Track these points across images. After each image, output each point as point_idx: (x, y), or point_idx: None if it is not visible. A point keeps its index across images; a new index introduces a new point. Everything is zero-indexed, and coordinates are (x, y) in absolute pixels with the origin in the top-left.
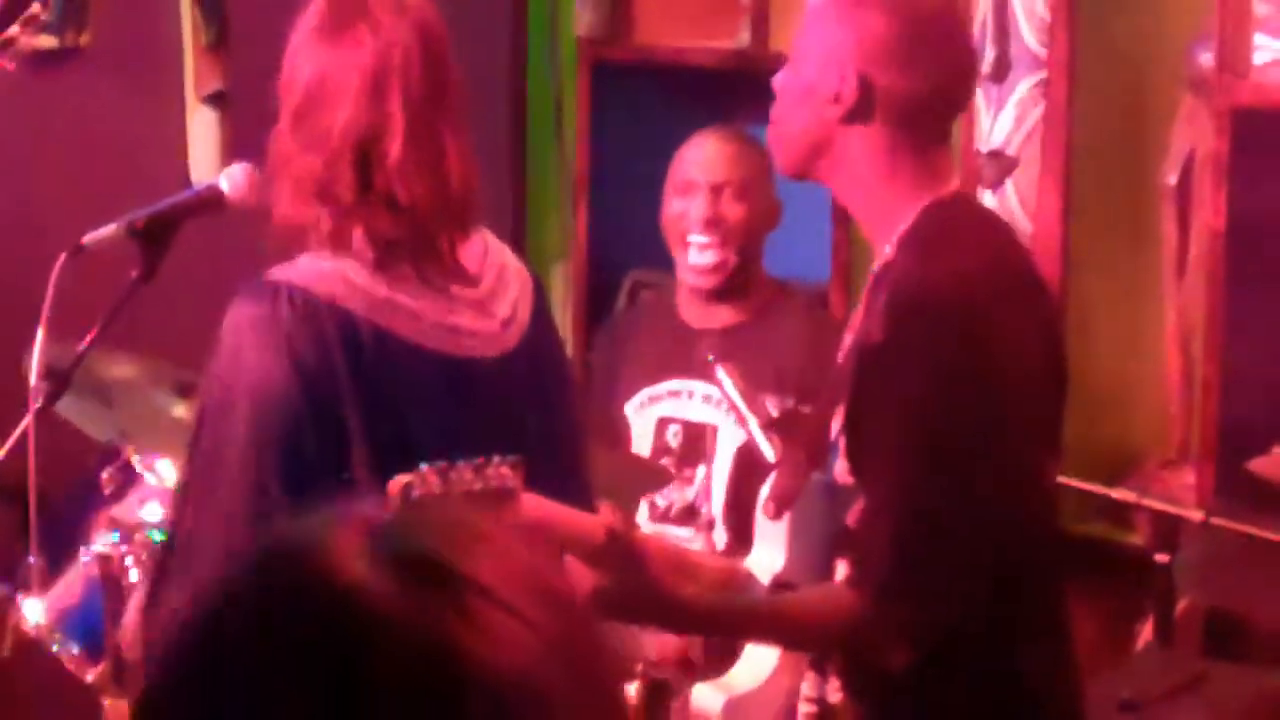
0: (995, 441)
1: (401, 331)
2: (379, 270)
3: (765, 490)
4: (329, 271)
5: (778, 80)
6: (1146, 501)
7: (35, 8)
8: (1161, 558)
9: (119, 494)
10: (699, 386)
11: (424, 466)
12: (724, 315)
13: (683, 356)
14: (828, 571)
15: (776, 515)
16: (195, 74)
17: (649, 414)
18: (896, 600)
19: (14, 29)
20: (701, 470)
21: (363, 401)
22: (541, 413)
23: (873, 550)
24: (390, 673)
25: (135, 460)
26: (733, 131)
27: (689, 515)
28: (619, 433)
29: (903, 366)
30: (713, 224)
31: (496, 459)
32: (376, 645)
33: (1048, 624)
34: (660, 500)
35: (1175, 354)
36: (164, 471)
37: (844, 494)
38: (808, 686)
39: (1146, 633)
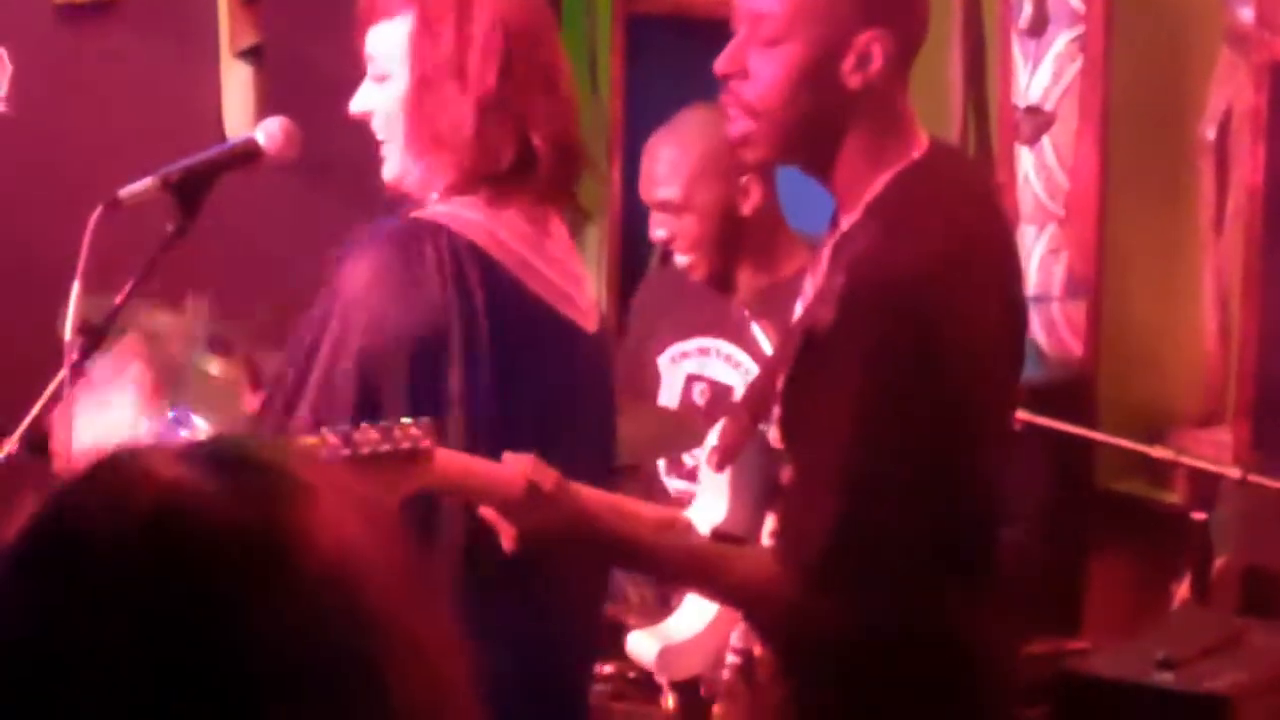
0: (938, 434)
1: (533, 285)
2: (507, 223)
3: (709, 441)
4: (474, 220)
5: (753, 66)
6: (1183, 459)
7: None
8: (1198, 515)
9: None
10: (723, 346)
11: (324, 429)
12: (748, 283)
13: (712, 314)
14: (760, 524)
15: (719, 467)
16: (230, 29)
17: (677, 370)
18: (824, 588)
19: None
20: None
21: (494, 345)
22: (606, 400)
23: (802, 536)
24: (214, 559)
25: (169, 414)
26: (671, 133)
27: None
28: (649, 385)
29: (849, 357)
30: (671, 240)
31: (405, 420)
32: (198, 535)
33: (981, 596)
34: (688, 459)
35: (1213, 311)
36: (198, 425)
37: (777, 454)
38: (736, 637)
39: (1183, 590)
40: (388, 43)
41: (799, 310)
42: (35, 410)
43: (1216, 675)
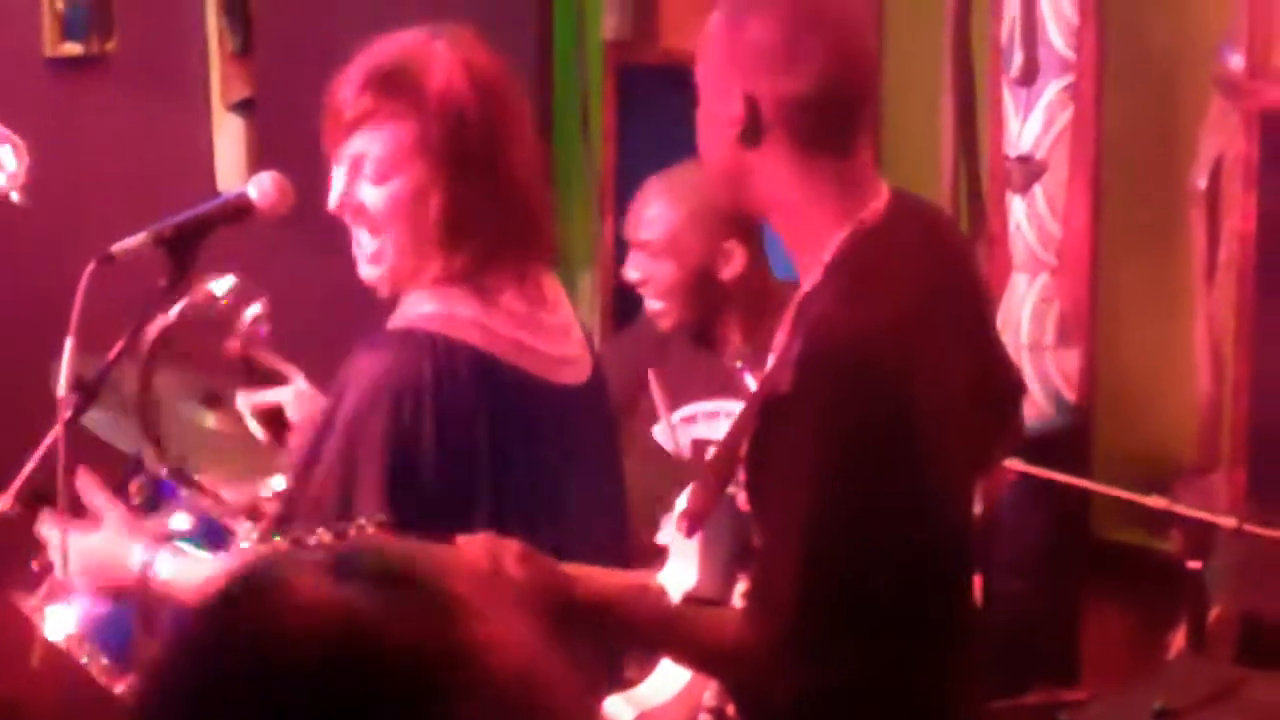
0: (897, 499)
1: (525, 366)
2: (496, 306)
3: (679, 506)
4: (457, 315)
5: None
6: (1179, 508)
7: (3, 184)
8: (1194, 565)
9: (148, 505)
10: (732, 406)
11: (275, 537)
12: (739, 341)
13: (709, 376)
14: (731, 587)
15: (689, 533)
16: (222, 82)
17: (682, 435)
18: (790, 651)
19: None
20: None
21: (498, 444)
22: (607, 439)
23: (765, 600)
24: (398, 682)
25: (164, 472)
26: (667, 181)
27: None
28: (644, 438)
29: (803, 423)
30: (644, 283)
31: (361, 520)
32: (381, 659)
33: (950, 668)
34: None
35: (1205, 358)
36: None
37: (746, 518)
38: (709, 696)
39: (1179, 640)
40: (386, 146)
41: (770, 361)
42: (29, 467)
43: None
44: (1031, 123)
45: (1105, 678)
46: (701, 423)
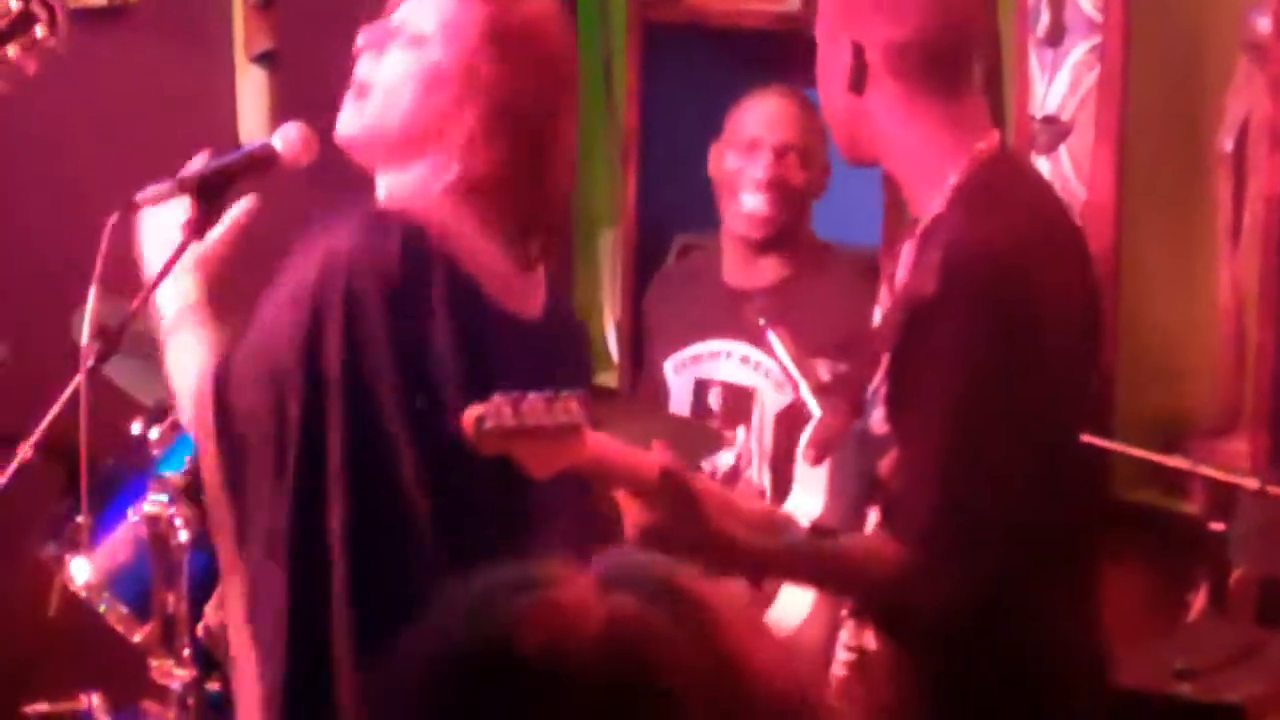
0: (1039, 404)
1: (489, 289)
2: (476, 216)
3: (806, 436)
4: (434, 209)
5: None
6: (1201, 469)
7: (39, 31)
8: (1216, 526)
9: (167, 453)
10: (738, 348)
11: (496, 396)
12: (768, 272)
13: (725, 318)
14: (861, 519)
15: (816, 461)
16: (245, 33)
17: (687, 375)
18: (938, 555)
19: (11, 50)
20: (741, 432)
21: (455, 354)
22: (561, 377)
23: (913, 503)
24: (680, 689)
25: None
26: (796, 93)
27: (732, 478)
28: (660, 396)
29: (956, 323)
30: (774, 185)
31: (565, 393)
32: (660, 664)
33: (1081, 584)
34: (704, 464)
35: (1229, 321)
36: None
37: (878, 443)
38: (846, 635)
39: (1201, 601)
40: (427, 10)
41: (887, 295)
42: (51, 416)
43: (1234, 686)
44: (1057, 84)
45: (1126, 639)
46: (706, 363)
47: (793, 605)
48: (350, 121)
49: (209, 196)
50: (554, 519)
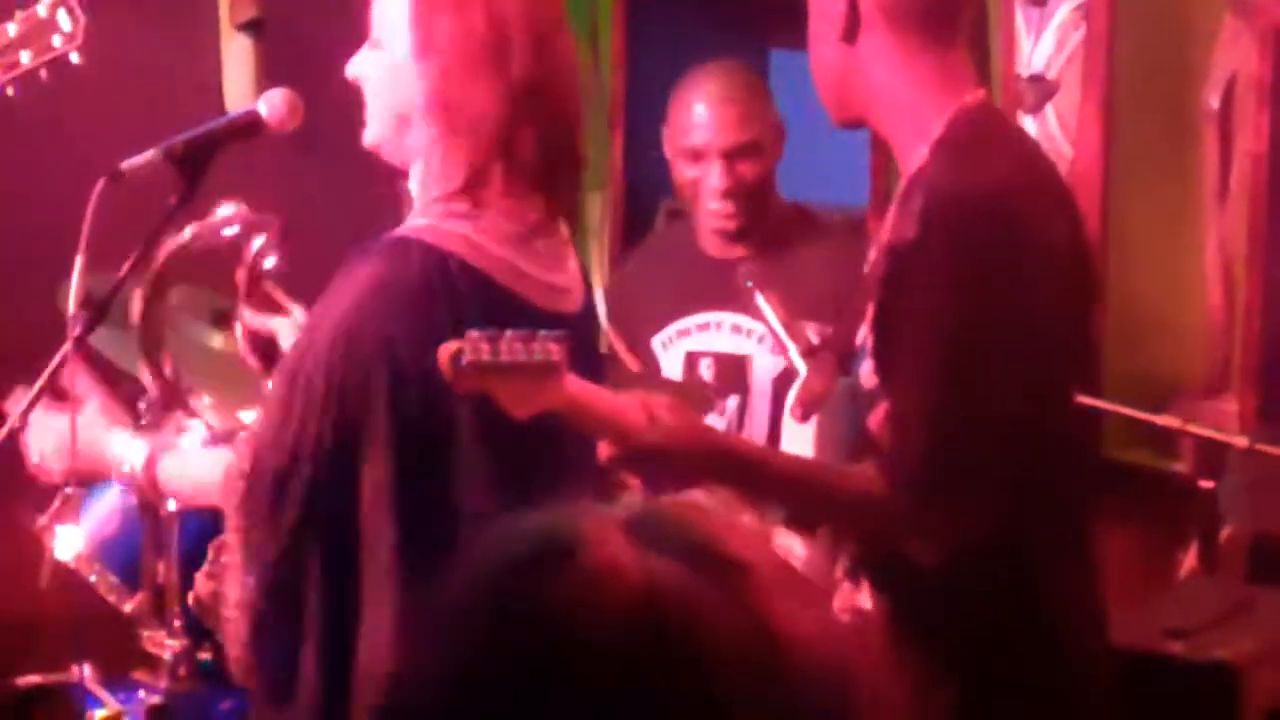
0: (1026, 346)
1: (520, 290)
2: (490, 229)
3: (793, 394)
4: (456, 232)
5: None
6: (1190, 428)
7: (56, 41)
8: (1205, 484)
9: (155, 424)
10: (728, 317)
11: (472, 333)
12: (744, 246)
13: (710, 289)
14: None
15: (803, 419)
16: (230, 1)
17: (676, 349)
18: (928, 504)
19: (26, 56)
20: (733, 401)
21: None
22: (592, 371)
23: (903, 449)
24: (722, 652)
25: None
26: (726, 77)
27: None
28: (647, 363)
29: (937, 265)
30: (732, 191)
31: (543, 333)
32: (696, 635)
33: (1076, 538)
34: None
35: (1217, 279)
36: (200, 401)
37: (867, 397)
38: (842, 596)
39: (1191, 560)
40: (389, 12)
41: (874, 247)
42: (39, 385)
43: (1225, 644)
44: (1043, 43)
45: (1116, 598)
46: (695, 335)
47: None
48: (367, 132)
49: (194, 165)
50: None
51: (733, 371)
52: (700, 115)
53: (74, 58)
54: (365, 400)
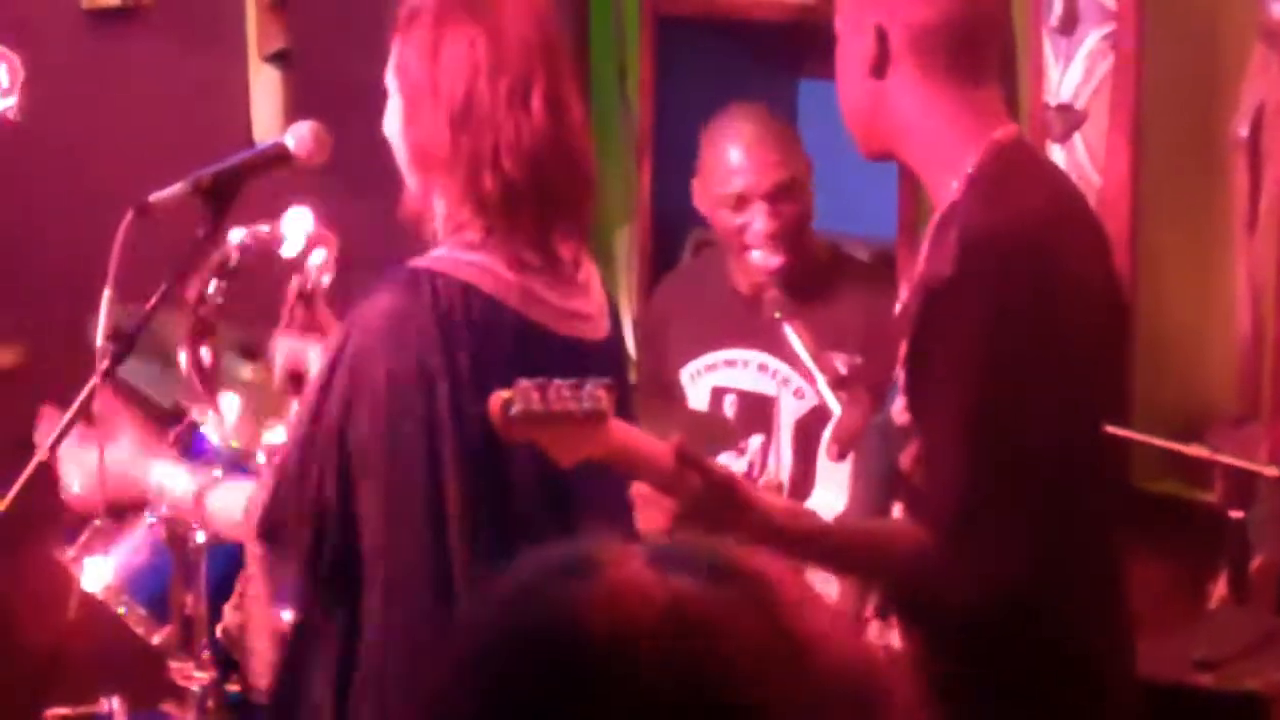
0: (1060, 385)
1: (537, 318)
2: (508, 260)
3: (828, 433)
4: (471, 261)
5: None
6: (1220, 457)
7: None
8: (1235, 514)
9: (184, 456)
10: (755, 356)
11: (522, 381)
12: (779, 283)
13: (740, 325)
14: (886, 513)
15: (839, 457)
16: (258, 33)
17: (703, 383)
18: (962, 543)
19: None
20: (756, 440)
21: (483, 376)
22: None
23: (936, 491)
24: (749, 670)
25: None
26: (756, 119)
27: None
28: (672, 395)
29: (972, 304)
30: (778, 234)
31: (591, 380)
32: (717, 648)
33: (1106, 573)
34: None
35: (1247, 308)
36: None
37: (899, 434)
38: (872, 634)
39: (1221, 590)
40: (390, 64)
41: (906, 285)
42: (67, 418)
43: (1255, 674)
44: (1072, 71)
45: (1146, 628)
46: (722, 370)
47: None
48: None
49: (221, 197)
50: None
51: (757, 410)
52: (738, 160)
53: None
54: (379, 434)
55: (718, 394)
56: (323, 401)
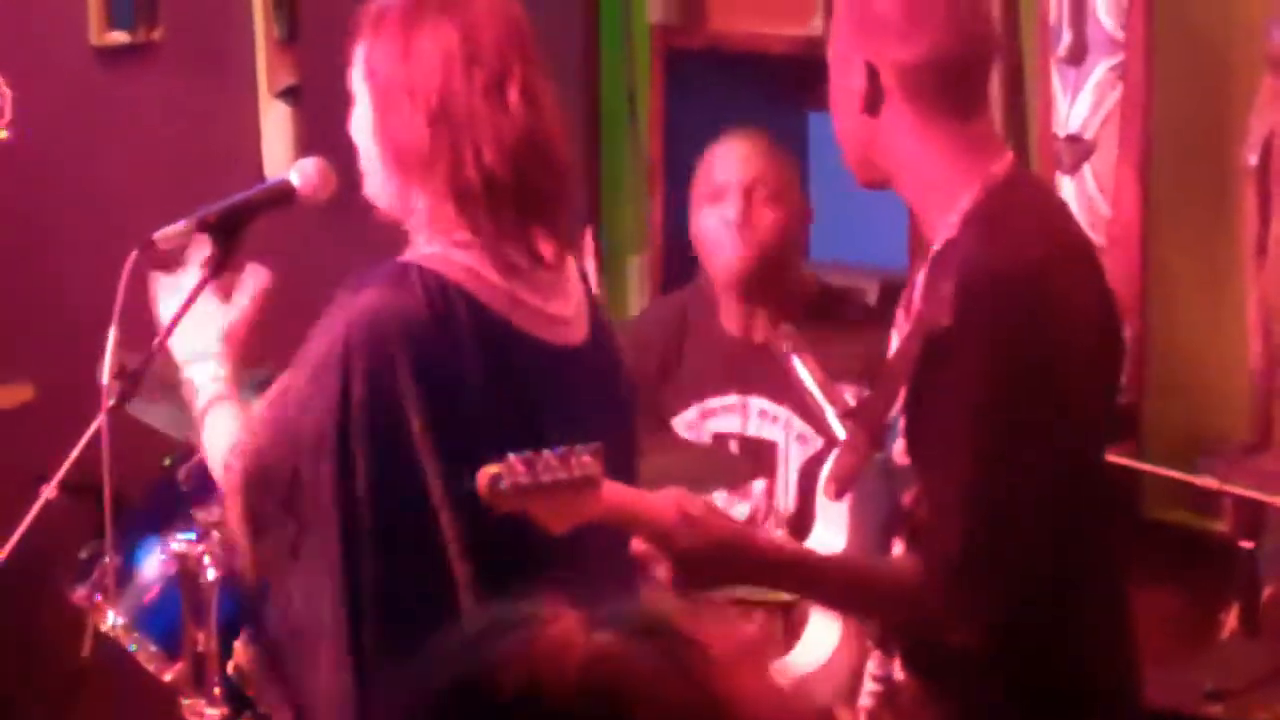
0: (1059, 427)
1: (517, 321)
2: (492, 259)
3: (825, 470)
4: (460, 262)
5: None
6: (1230, 488)
7: None
8: (1246, 544)
9: (197, 492)
10: (755, 402)
11: (510, 456)
12: (765, 322)
13: (735, 370)
14: (886, 551)
15: (837, 496)
16: (268, 69)
17: (704, 429)
18: (964, 584)
19: None
20: (758, 485)
21: (488, 389)
22: (607, 404)
23: (938, 533)
24: None
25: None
26: (760, 135)
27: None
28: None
29: (970, 353)
30: (746, 225)
31: (579, 447)
32: (636, 705)
33: (1111, 608)
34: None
35: (1257, 336)
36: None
37: (901, 474)
38: (874, 665)
39: (1232, 621)
40: (354, 66)
41: (903, 320)
42: (73, 456)
43: (1266, 706)
44: (1080, 103)
45: (1156, 658)
46: (721, 416)
47: (821, 635)
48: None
49: (227, 234)
50: (593, 558)
51: (757, 455)
52: (723, 155)
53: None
54: (356, 428)
55: (718, 440)
56: (304, 392)
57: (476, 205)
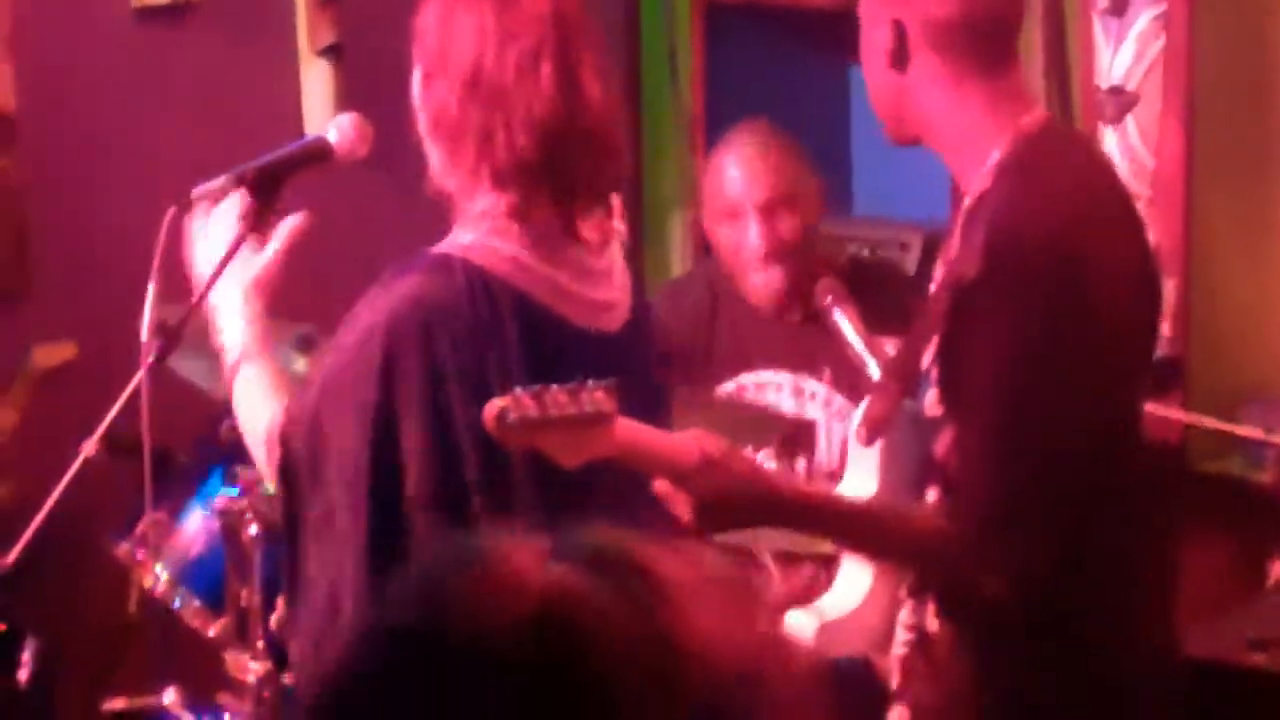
0: (1092, 379)
1: (560, 310)
2: (534, 245)
3: (857, 416)
4: (497, 248)
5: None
6: (1274, 438)
7: None
8: None
9: (238, 447)
10: (787, 379)
11: (518, 389)
12: (796, 308)
13: (768, 346)
14: (918, 499)
15: (868, 441)
16: (309, 27)
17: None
18: (995, 537)
19: None
20: (800, 465)
21: (527, 370)
22: (644, 388)
23: (970, 485)
24: (612, 664)
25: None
26: (760, 130)
27: None
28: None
29: (1000, 303)
30: (774, 253)
31: (591, 383)
32: (588, 638)
33: (1150, 564)
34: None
35: None
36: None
37: (932, 424)
38: (906, 614)
39: (1277, 571)
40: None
41: (939, 273)
42: (114, 411)
43: None
44: (1123, 53)
45: (1202, 608)
46: (752, 394)
47: (852, 584)
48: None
49: (265, 191)
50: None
51: (798, 435)
52: (733, 172)
53: None
54: (399, 414)
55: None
56: (345, 382)
57: (508, 182)
